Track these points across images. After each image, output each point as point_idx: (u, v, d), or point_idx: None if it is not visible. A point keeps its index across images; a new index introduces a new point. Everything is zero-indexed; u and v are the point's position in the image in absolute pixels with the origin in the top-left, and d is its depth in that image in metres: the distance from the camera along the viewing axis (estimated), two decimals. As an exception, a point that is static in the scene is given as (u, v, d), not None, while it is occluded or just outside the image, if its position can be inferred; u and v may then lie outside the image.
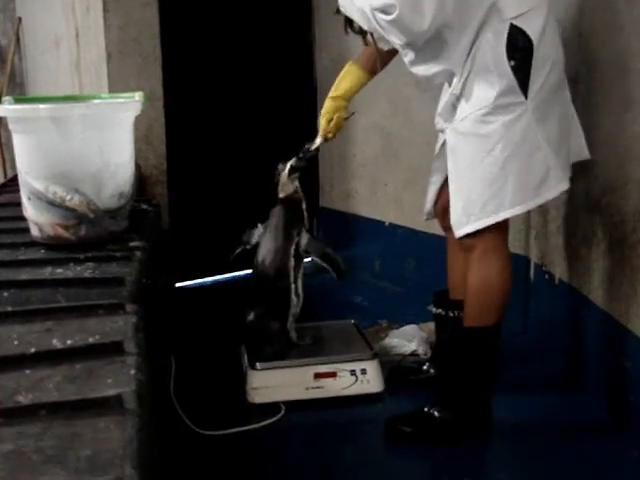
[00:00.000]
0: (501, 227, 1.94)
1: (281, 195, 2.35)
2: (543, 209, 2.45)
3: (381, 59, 2.11)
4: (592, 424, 2.09)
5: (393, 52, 2.08)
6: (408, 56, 1.93)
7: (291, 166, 2.31)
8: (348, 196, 3.62)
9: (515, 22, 1.78)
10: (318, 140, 2.27)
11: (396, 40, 1.80)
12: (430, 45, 1.84)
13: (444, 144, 2.00)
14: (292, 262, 2.30)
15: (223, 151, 3.52)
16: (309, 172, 2.38)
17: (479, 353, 2.01)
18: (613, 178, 2.05)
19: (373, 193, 3.46)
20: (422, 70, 1.93)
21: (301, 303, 2.35)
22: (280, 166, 2.34)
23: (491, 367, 2.04)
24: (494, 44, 1.80)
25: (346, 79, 2.19)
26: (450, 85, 1.95)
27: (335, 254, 2.39)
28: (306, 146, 2.30)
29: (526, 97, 1.81)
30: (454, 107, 1.92)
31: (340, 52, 3.05)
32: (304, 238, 2.34)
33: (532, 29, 1.79)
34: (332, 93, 2.21)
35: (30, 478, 0.81)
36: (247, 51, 3.50)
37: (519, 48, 1.79)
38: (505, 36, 1.78)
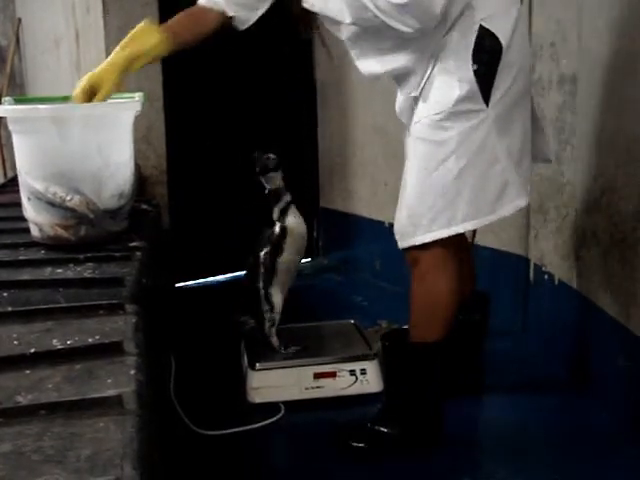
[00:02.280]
0: (449, 240, 1.82)
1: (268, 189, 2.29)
2: (543, 210, 2.46)
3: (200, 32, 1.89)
4: (592, 424, 2.09)
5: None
6: (358, 49, 1.78)
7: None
8: (348, 196, 3.63)
9: (484, 23, 1.68)
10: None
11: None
12: (395, 37, 1.70)
13: None
14: (262, 268, 2.26)
15: (223, 151, 3.52)
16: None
17: (424, 369, 1.94)
18: (613, 178, 2.05)
19: (373, 193, 3.46)
20: (373, 65, 1.79)
21: (277, 311, 2.28)
22: (257, 154, 2.29)
23: (436, 380, 1.97)
24: (458, 45, 1.69)
25: (140, 50, 1.80)
26: (400, 85, 1.85)
27: None
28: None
29: (487, 104, 1.71)
30: (411, 109, 1.82)
31: (340, 51, 3.05)
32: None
33: (502, 32, 1.69)
34: (117, 59, 1.78)
35: (29, 478, 0.81)
36: (247, 50, 3.50)
37: (486, 51, 1.69)
38: (473, 38, 1.68)
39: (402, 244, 1.86)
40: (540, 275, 2.56)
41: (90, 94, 1.75)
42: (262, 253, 2.27)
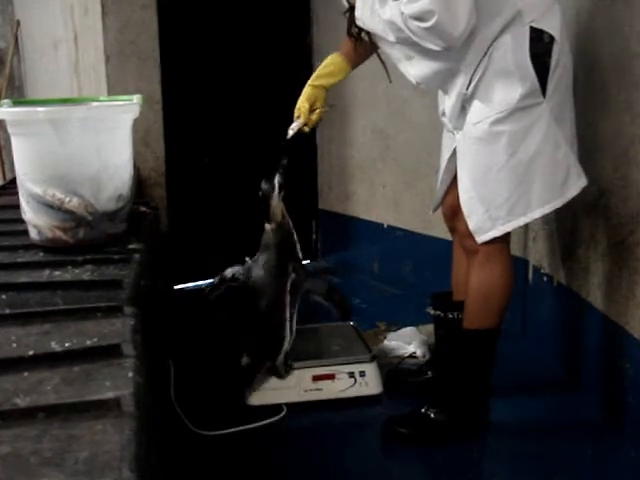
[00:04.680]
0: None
1: (272, 225, 2.17)
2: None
3: (366, 52, 2.12)
4: (590, 424, 2.09)
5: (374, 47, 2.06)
6: (410, 52, 1.90)
7: (279, 183, 2.15)
8: (346, 198, 3.63)
9: (534, 24, 1.81)
10: (295, 125, 2.16)
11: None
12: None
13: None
14: (288, 299, 2.20)
15: (222, 153, 3.52)
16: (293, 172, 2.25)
17: (478, 355, 2.02)
18: (611, 180, 2.05)
19: (371, 195, 3.47)
20: (422, 68, 1.91)
21: (293, 338, 2.25)
22: (264, 186, 2.14)
23: (489, 368, 2.05)
24: (514, 46, 1.81)
25: (329, 69, 2.15)
26: (444, 92, 1.95)
27: (339, 292, 2.29)
28: (282, 161, 2.17)
29: (544, 96, 1.83)
30: (464, 109, 1.92)
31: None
32: (301, 275, 2.21)
33: (552, 28, 1.82)
34: (314, 81, 2.16)
35: (28, 481, 0.81)
36: (246, 53, 3.50)
37: (541, 48, 1.81)
38: (527, 39, 1.80)
39: (482, 238, 1.94)
40: (539, 277, 2.57)
41: (312, 106, 2.16)
42: (290, 282, 2.19)
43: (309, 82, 2.17)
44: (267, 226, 2.19)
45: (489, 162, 1.88)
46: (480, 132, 1.87)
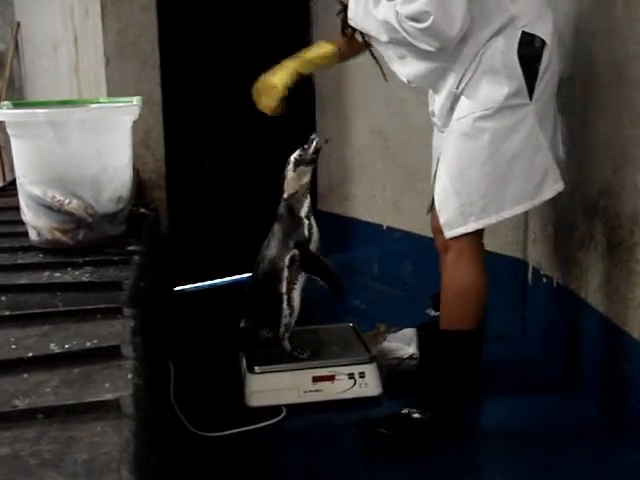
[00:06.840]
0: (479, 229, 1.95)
1: (285, 195, 2.25)
2: (541, 213, 2.46)
3: (356, 50, 2.14)
4: (590, 426, 2.09)
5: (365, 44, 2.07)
6: (403, 52, 1.91)
7: (295, 159, 2.23)
8: (346, 199, 3.63)
9: (526, 29, 1.83)
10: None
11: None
12: None
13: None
14: (286, 272, 2.23)
15: (222, 155, 3.53)
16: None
17: (457, 356, 1.99)
18: (610, 181, 2.05)
19: (371, 196, 3.47)
20: (415, 67, 1.92)
21: (295, 315, 2.28)
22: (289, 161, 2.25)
23: (470, 371, 2.02)
24: (504, 49, 1.83)
25: (318, 53, 2.15)
26: (435, 91, 1.96)
27: (333, 271, 2.30)
28: (311, 137, 2.22)
29: (531, 99, 1.84)
30: (452, 107, 1.92)
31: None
32: (304, 251, 2.24)
33: (543, 33, 1.84)
34: (300, 66, 2.16)
35: (27, 482, 0.82)
36: (245, 54, 3.50)
37: (530, 51, 1.83)
38: (517, 42, 1.82)
39: (452, 233, 1.93)
40: (538, 278, 2.56)
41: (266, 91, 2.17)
42: (288, 256, 2.23)
43: (295, 66, 2.16)
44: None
45: (470, 158, 1.88)
46: (464, 127, 1.87)
